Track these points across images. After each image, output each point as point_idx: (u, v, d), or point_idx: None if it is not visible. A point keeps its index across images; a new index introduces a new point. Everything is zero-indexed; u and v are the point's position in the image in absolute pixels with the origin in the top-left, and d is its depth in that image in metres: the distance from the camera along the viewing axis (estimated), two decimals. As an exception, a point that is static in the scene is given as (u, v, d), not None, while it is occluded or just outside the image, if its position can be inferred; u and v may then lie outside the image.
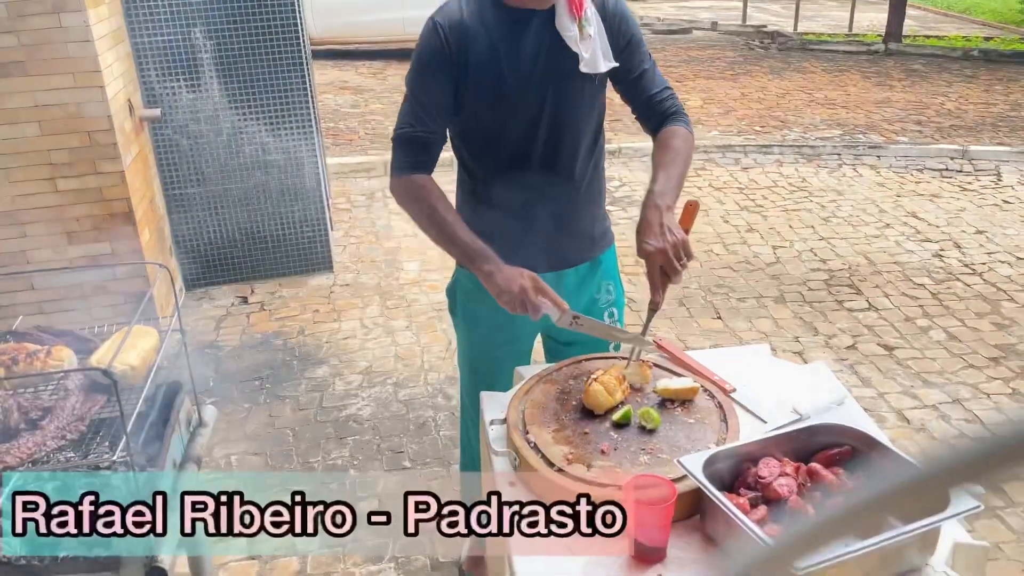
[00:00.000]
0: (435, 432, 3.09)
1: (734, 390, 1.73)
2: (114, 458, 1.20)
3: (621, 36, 1.72)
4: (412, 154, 1.69)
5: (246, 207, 4.21)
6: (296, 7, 3.97)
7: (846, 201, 5.50)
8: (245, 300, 4.23)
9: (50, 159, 3.34)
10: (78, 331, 1.56)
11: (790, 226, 5.06)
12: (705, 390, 1.66)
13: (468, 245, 1.63)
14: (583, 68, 1.66)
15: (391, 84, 9.33)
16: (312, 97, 4.29)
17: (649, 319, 1.70)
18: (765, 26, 13.22)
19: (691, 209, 1.69)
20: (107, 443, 1.31)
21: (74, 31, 3.18)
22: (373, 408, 3.26)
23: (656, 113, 1.78)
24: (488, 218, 1.81)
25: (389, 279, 4.46)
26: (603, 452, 1.46)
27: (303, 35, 4.09)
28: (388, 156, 5.62)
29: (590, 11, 1.67)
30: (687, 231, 1.63)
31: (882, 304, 4.07)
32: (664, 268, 1.58)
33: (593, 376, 1.57)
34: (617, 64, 1.71)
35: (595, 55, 1.67)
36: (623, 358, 1.76)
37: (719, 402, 1.62)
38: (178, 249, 4.19)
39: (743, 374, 1.78)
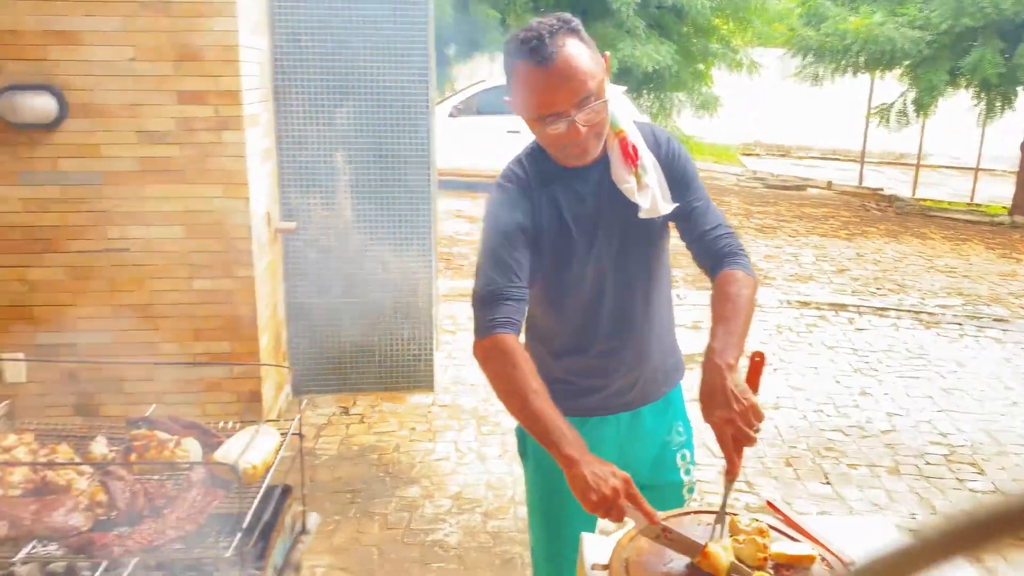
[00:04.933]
0: (521, 570, 2.99)
1: (853, 563, 1.61)
2: (227, 555, 1.22)
3: (675, 174, 1.71)
4: (496, 312, 1.58)
5: (360, 321, 4.36)
6: (430, 142, 4.22)
7: (968, 373, 5.22)
8: (347, 411, 4.31)
9: (190, 260, 3.58)
10: (204, 425, 1.63)
11: (907, 394, 4.83)
12: (823, 559, 1.55)
13: (554, 425, 1.47)
14: (643, 215, 1.66)
15: (505, 216, 9.67)
16: (434, 223, 4.49)
17: (727, 491, 1.57)
18: (882, 189, 13.14)
19: (757, 364, 1.56)
20: (220, 539, 1.34)
21: (231, 147, 3.48)
22: (460, 536, 3.20)
23: (711, 252, 1.72)
24: (564, 365, 1.79)
25: (487, 404, 4.47)
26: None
27: (433, 167, 4.33)
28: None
29: (646, 158, 1.66)
30: (755, 387, 1.53)
31: (1009, 488, 3.77)
32: (734, 436, 1.49)
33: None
34: (678, 204, 1.70)
35: (654, 201, 1.66)
36: (713, 512, 1.67)
37: None
38: (291, 355, 4.35)
39: (863, 548, 1.66)
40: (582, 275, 1.69)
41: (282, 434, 1.60)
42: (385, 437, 4.04)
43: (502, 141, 10.66)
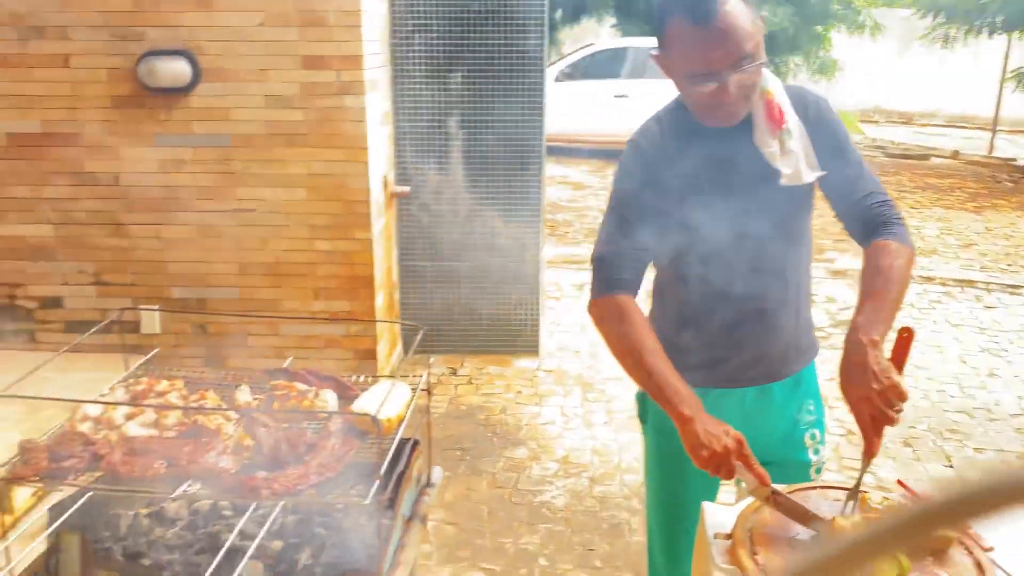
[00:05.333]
0: (628, 536, 3.00)
1: (991, 549, 1.54)
2: (365, 503, 1.27)
3: (825, 140, 1.63)
4: (614, 272, 1.60)
5: (469, 284, 4.43)
6: (542, 107, 4.21)
7: (1110, 358, 4.87)
8: (455, 372, 4.40)
9: (312, 222, 3.71)
10: (339, 378, 1.70)
11: (1040, 377, 4.55)
12: (960, 543, 1.49)
13: (668, 382, 1.49)
14: (784, 182, 1.59)
15: (610, 182, 9.57)
16: (543, 189, 4.48)
17: (864, 469, 1.52)
18: (1015, 159, 12.29)
19: (904, 340, 1.48)
20: (354, 487, 1.40)
21: (352, 112, 3.56)
22: (567, 499, 3.24)
23: (863, 221, 1.62)
24: (692, 333, 1.75)
25: (592, 371, 4.48)
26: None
27: (544, 132, 4.31)
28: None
29: (792, 122, 1.59)
30: (900, 365, 1.46)
31: None
32: (873, 415, 1.43)
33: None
34: (824, 172, 1.62)
35: (797, 167, 1.59)
36: (843, 488, 1.62)
37: (978, 560, 1.45)
38: (403, 316, 4.46)
39: (1001, 533, 1.58)
40: (713, 241, 1.64)
41: (412, 390, 1.65)
42: (492, 399, 4.11)
43: (609, 106, 10.52)
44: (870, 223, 1.61)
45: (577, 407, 4.05)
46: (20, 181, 3.69)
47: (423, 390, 1.66)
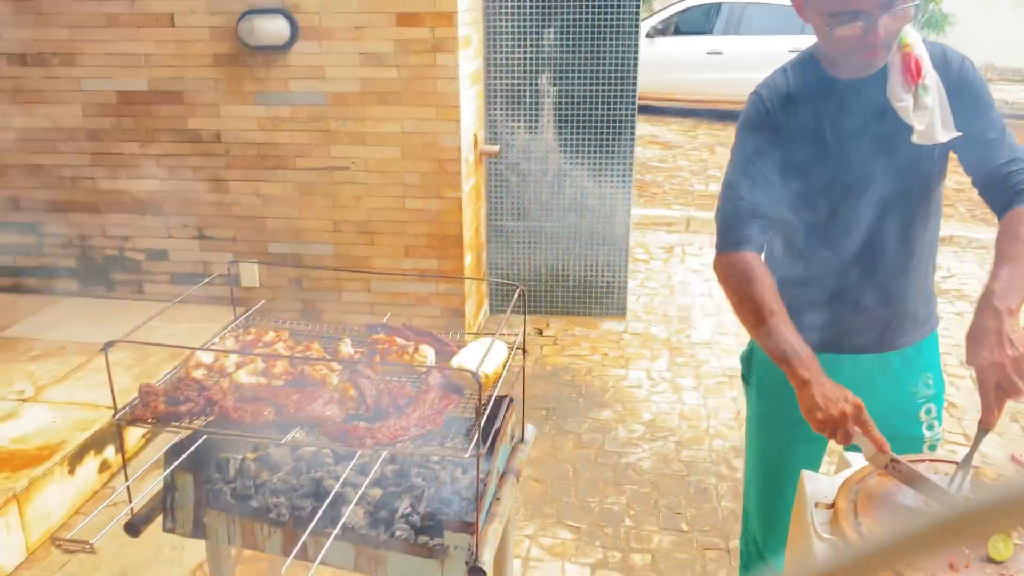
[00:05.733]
0: (716, 501, 2.98)
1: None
2: (467, 455, 1.29)
3: (965, 101, 1.53)
4: (737, 229, 1.58)
5: (556, 245, 4.42)
6: (635, 66, 4.11)
7: None
8: (540, 332, 4.41)
9: (404, 180, 3.75)
10: (435, 334, 1.72)
11: None
12: (1082, 526, 1.42)
13: (789, 344, 1.45)
14: (915, 140, 1.51)
15: (700, 142, 9.35)
16: (633, 149, 4.41)
17: (978, 441, 1.44)
18: None
19: None
20: (451, 440, 1.42)
21: (445, 69, 3.56)
22: (653, 462, 3.23)
23: (1002, 188, 1.53)
24: (808, 293, 1.69)
25: (679, 336, 4.42)
26: (951, 567, 1.30)
27: (636, 91, 4.21)
28: (690, 213, 5.54)
29: (929, 77, 1.50)
30: None
31: None
32: (1001, 384, 1.36)
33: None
34: (959, 133, 1.52)
35: (932, 125, 1.50)
36: (951, 462, 1.56)
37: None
38: (490, 275, 4.49)
39: None
40: (833, 197, 1.59)
41: (508, 348, 1.66)
42: (577, 360, 4.11)
43: (702, 63, 10.22)
44: (1009, 190, 1.53)
45: (664, 371, 4.01)
46: (129, 138, 3.85)
47: (519, 349, 1.67)
